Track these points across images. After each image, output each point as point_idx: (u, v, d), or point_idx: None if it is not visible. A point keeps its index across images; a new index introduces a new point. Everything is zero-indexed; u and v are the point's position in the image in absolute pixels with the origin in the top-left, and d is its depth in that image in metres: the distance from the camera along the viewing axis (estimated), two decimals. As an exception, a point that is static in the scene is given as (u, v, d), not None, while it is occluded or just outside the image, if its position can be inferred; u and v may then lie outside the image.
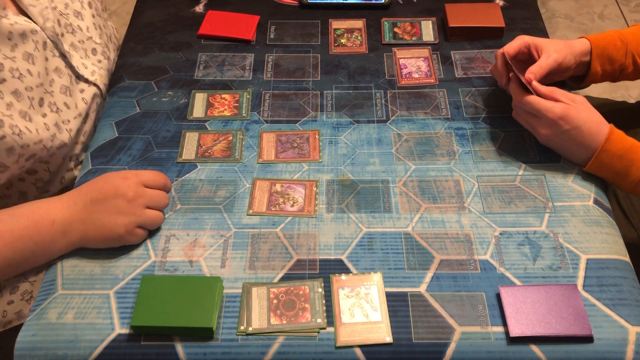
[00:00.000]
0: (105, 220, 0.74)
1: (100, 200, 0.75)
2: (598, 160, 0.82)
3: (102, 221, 0.74)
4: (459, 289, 0.73)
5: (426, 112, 0.95)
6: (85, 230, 0.75)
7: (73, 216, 0.75)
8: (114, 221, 0.74)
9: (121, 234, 0.75)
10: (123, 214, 0.75)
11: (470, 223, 0.80)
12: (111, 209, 0.75)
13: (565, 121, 0.81)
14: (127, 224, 0.75)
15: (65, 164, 0.92)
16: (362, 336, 0.69)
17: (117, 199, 0.75)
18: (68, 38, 0.91)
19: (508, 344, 0.68)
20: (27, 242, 0.73)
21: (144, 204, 0.76)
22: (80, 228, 0.75)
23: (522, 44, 0.89)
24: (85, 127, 0.93)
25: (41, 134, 0.82)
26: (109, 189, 0.75)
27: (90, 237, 0.75)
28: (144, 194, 0.76)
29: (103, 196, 0.75)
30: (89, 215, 0.75)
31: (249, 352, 0.68)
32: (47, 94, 0.85)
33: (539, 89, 0.83)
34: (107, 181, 0.77)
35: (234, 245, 0.78)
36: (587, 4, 2.40)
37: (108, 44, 1.02)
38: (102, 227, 0.75)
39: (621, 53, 0.93)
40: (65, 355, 0.68)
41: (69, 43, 0.91)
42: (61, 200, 0.76)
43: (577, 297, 0.71)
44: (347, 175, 0.86)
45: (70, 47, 0.91)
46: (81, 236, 0.75)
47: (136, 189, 0.76)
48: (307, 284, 0.74)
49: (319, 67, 1.03)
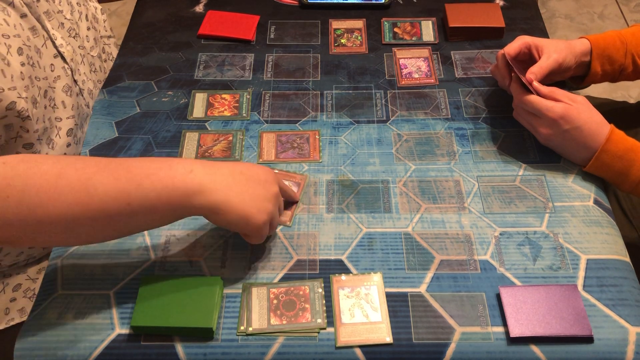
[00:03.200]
0: (253, 196, 0.68)
1: (251, 178, 0.69)
2: (598, 161, 0.82)
3: (249, 195, 0.67)
4: (459, 289, 0.73)
5: (426, 112, 0.95)
6: (229, 196, 0.66)
7: (216, 175, 0.66)
8: (260, 203, 0.68)
9: (263, 219, 0.69)
10: (269, 202, 0.70)
11: (471, 223, 0.80)
12: (260, 191, 0.69)
13: (566, 121, 0.81)
14: (271, 211, 0.70)
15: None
16: (362, 336, 0.69)
17: (267, 185, 0.70)
18: (43, 5, 0.87)
19: (508, 344, 0.68)
20: (155, 183, 0.64)
21: (280, 203, 0.73)
22: (223, 191, 0.66)
23: (523, 45, 0.90)
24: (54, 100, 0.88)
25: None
26: (259, 172, 0.70)
27: (231, 206, 0.66)
28: (279, 196, 0.73)
29: (255, 175, 0.69)
30: (235, 183, 0.67)
31: (249, 352, 0.68)
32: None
33: (540, 89, 0.83)
34: (253, 166, 0.71)
35: (234, 246, 0.78)
36: (587, 4, 2.40)
37: (79, 22, 0.98)
38: (246, 200, 0.67)
39: (621, 53, 0.93)
40: (65, 355, 0.68)
41: (44, 10, 0.87)
42: (201, 161, 0.68)
43: (577, 298, 0.71)
44: (347, 175, 0.86)
45: (45, 14, 0.88)
46: (219, 200, 0.66)
47: (277, 188, 0.72)
48: (307, 284, 0.74)
49: (319, 67, 1.03)
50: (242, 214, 0.67)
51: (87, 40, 0.97)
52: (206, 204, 0.66)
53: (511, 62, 0.88)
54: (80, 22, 0.99)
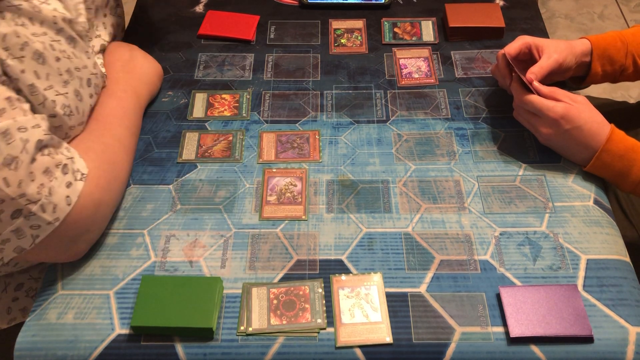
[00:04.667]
0: None
1: None
2: (599, 160, 0.82)
3: None
4: (459, 289, 0.73)
5: (426, 112, 0.95)
6: None
7: None
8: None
9: None
10: None
11: (471, 223, 0.80)
12: None
13: (567, 120, 0.81)
14: None
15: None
16: (362, 336, 0.69)
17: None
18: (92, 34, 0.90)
19: (508, 344, 0.68)
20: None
21: None
22: None
23: (523, 45, 0.89)
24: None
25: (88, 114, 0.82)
26: None
27: None
28: None
29: None
30: None
31: (249, 352, 0.68)
32: (93, 75, 0.84)
33: (540, 89, 0.83)
34: None
35: (234, 246, 0.78)
36: (587, 4, 2.40)
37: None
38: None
39: (621, 54, 0.93)
40: (65, 355, 0.68)
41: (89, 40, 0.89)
42: None
43: (577, 298, 0.71)
44: (347, 175, 0.86)
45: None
46: None
47: None
48: (307, 284, 0.74)
49: (319, 67, 1.03)
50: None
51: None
52: None
53: (511, 62, 0.87)
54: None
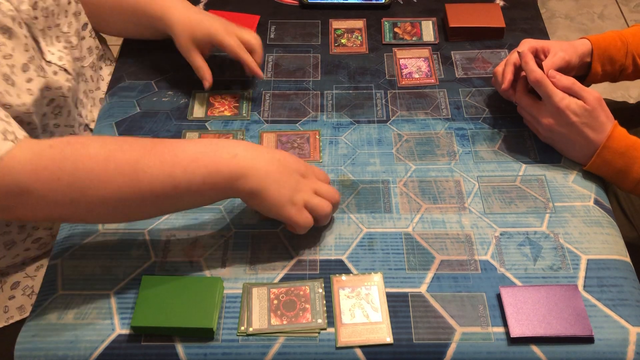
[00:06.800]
0: (287, 187, 0.71)
1: (287, 167, 0.72)
2: (600, 158, 0.82)
3: (285, 184, 0.70)
4: (460, 289, 0.73)
5: (426, 112, 0.95)
6: (267, 183, 0.69)
7: (257, 160, 0.69)
8: (294, 194, 0.71)
9: (293, 210, 0.71)
10: (303, 193, 0.72)
11: (471, 223, 0.80)
12: (293, 182, 0.71)
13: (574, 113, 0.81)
14: (304, 202, 0.72)
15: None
16: (362, 337, 0.69)
17: (300, 178, 0.73)
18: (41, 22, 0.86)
19: (509, 344, 0.68)
20: (201, 168, 0.67)
21: (315, 189, 0.74)
22: (262, 177, 0.69)
23: (530, 48, 0.89)
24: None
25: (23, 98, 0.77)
26: (294, 163, 0.73)
27: (268, 194, 0.69)
28: (316, 182, 0.75)
29: (290, 165, 0.72)
30: (274, 170, 0.70)
31: (250, 352, 0.68)
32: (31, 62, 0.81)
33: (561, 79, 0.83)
34: (289, 156, 0.74)
35: (234, 246, 0.78)
36: (587, 4, 2.40)
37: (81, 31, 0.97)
38: (281, 189, 0.70)
39: (621, 54, 0.93)
40: (66, 355, 0.68)
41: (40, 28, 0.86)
42: (244, 143, 0.72)
43: (577, 298, 0.71)
44: (348, 175, 0.86)
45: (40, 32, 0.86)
46: (259, 187, 0.69)
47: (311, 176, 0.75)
48: (308, 284, 0.74)
49: (319, 67, 1.03)
50: (275, 203, 0.71)
51: (80, 51, 0.96)
52: (247, 188, 0.69)
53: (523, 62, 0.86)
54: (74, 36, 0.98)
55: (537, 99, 0.85)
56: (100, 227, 0.80)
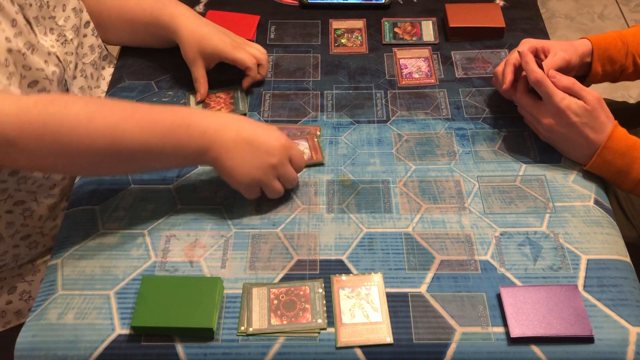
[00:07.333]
0: (245, 162, 0.77)
1: (254, 147, 0.77)
2: (600, 158, 0.82)
3: (243, 161, 0.77)
4: (460, 289, 0.73)
5: (426, 112, 0.95)
6: (227, 158, 0.76)
7: (222, 140, 0.76)
8: (249, 169, 0.77)
9: (246, 182, 0.78)
10: (259, 170, 0.78)
11: (471, 223, 0.80)
12: (255, 160, 0.77)
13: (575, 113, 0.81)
14: (257, 179, 0.78)
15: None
16: (362, 337, 0.69)
17: (265, 157, 0.77)
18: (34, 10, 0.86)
19: (509, 344, 0.68)
20: (174, 138, 0.74)
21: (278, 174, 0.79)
22: (223, 154, 0.76)
23: (530, 48, 0.89)
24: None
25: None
26: (264, 143, 0.78)
27: (226, 167, 0.77)
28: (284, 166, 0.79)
29: (258, 145, 0.77)
30: (236, 149, 0.77)
31: (250, 352, 0.68)
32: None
33: (561, 79, 0.83)
34: (261, 135, 0.78)
35: (234, 246, 0.78)
36: (587, 4, 2.40)
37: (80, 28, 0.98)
38: (241, 166, 0.77)
39: (622, 54, 0.93)
40: (66, 355, 0.68)
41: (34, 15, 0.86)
42: (216, 117, 0.78)
43: (577, 298, 0.71)
44: (348, 175, 0.86)
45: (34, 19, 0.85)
46: (220, 160, 0.77)
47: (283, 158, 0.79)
48: (308, 284, 0.74)
49: (319, 67, 1.03)
50: (229, 174, 0.78)
51: (80, 47, 0.96)
52: (210, 160, 0.77)
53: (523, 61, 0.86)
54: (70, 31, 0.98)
55: (538, 98, 0.85)
56: (100, 227, 0.80)
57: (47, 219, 0.90)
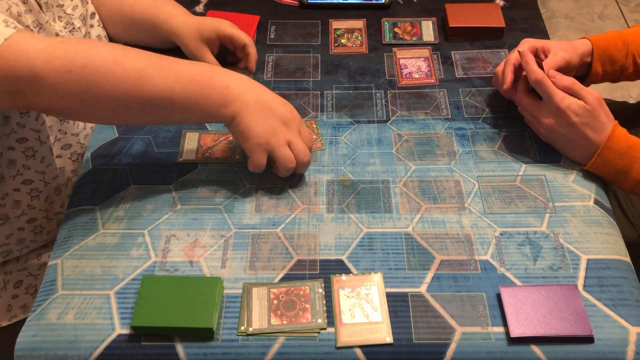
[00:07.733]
0: (263, 126, 0.78)
1: (273, 112, 0.78)
2: (600, 158, 0.82)
3: (262, 122, 0.78)
4: (460, 289, 0.73)
5: (426, 112, 0.95)
6: (246, 115, 0.77)
7: (245, 95, 0.77)
8: (266, 134, 0.78)
9: (259, 144, 0.78)
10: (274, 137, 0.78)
11: (471, 223, 0.80)
12: (273, 125, 0.78)
13: (575, 113, 0.81)
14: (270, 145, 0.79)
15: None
16: (362, 336, 0.69)
17: (281, 126, 0.79)
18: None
19: (508, 344, 0.68)
20: (197, 90, 0.75)
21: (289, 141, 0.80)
22: (244, 110, 0.77)
23: (530, 48, 0.89)
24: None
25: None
26: (283, 111, 0.79)
27: (242, 123, 0.77)
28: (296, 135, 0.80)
29: (278, 112, 0.79)
30: (257, 108, 0.77)
31: (250, 352, 0.68)
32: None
33: (561, 78, 0.83)
34: (282, 104, 0.80)
35: (234, 246, 0.78)
36: (587, 4, 2.40)
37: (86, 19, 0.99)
38: (256, 125, 0.77)
39: (622, 54, 0.93)
40: (66, 355, 0.68)
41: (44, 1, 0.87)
42: (239, 76, 0.79)
43: (577, 298, 0.71)
44: (348, 175, 0.86)
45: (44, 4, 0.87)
46: (239, 115, 0.77)
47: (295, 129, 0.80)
48: (308, 284, 0.74)
49: (319, 67, 1.03)
50: (245, 132, 0.78)
51: (88, 36, 0.97)
52: (229, 114, 0.77)
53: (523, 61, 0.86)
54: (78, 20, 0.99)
55: (538, 98, 0.85)
56: (100, 227, 0.80)
57: (52, 202, 0.91)
